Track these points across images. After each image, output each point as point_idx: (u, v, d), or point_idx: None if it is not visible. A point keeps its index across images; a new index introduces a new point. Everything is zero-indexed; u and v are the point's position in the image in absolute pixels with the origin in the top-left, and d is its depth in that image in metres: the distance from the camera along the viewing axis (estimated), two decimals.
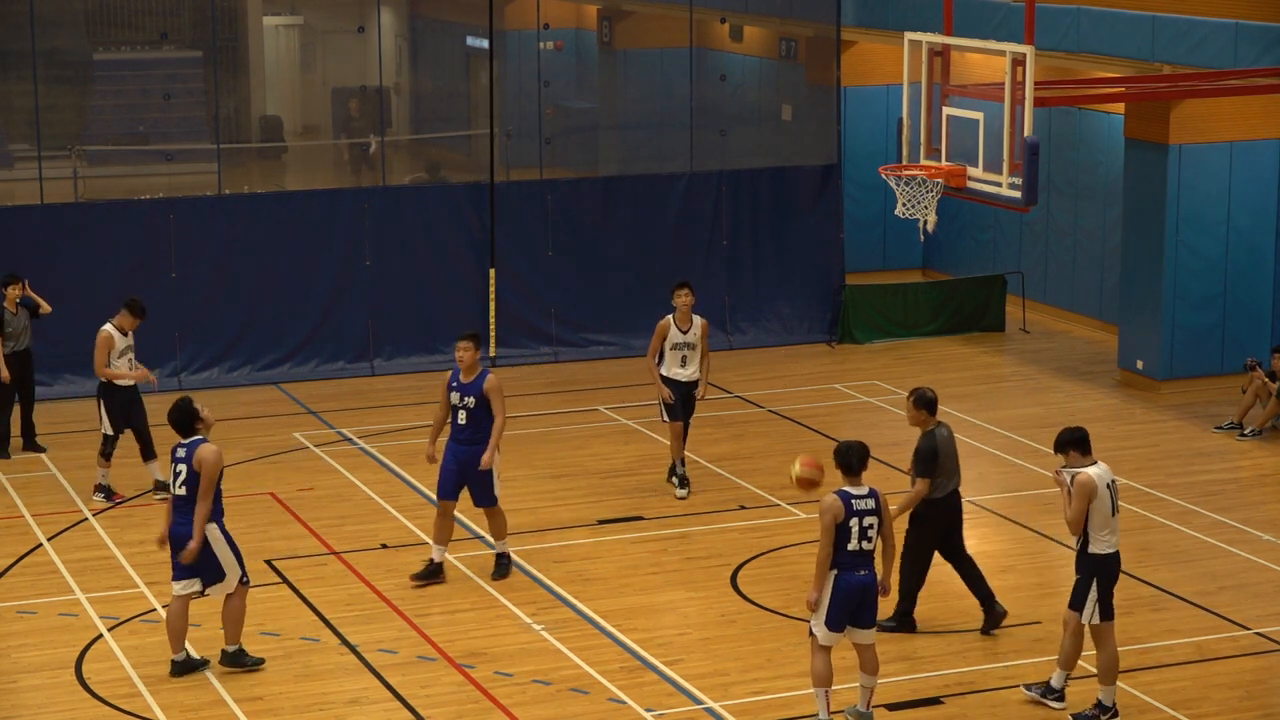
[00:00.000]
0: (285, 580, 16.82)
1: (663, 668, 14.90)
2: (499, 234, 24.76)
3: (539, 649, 15.27)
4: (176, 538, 14.50)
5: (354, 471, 20.04)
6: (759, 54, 29.73)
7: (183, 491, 14.44)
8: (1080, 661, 14.65)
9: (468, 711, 14.15)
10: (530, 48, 27.06)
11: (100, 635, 15.57)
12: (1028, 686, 14.24)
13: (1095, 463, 13.74)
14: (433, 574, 16.59)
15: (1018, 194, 18.37)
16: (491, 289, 24.74)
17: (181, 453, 14.50)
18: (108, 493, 19.13)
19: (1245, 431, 21.35)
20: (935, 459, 15.06)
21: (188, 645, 14.79)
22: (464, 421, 16.37)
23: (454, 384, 16.44)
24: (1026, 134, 18.05)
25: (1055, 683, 14.07)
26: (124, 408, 19.04)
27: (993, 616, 15.62)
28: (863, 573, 13.29)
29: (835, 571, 13.29)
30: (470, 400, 16.31)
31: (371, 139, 27.31)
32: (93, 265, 23.31)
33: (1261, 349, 22.37)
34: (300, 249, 24.14)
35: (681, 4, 26.62)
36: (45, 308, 20.82)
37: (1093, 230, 26.31)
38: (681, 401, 18.82)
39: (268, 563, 17.21)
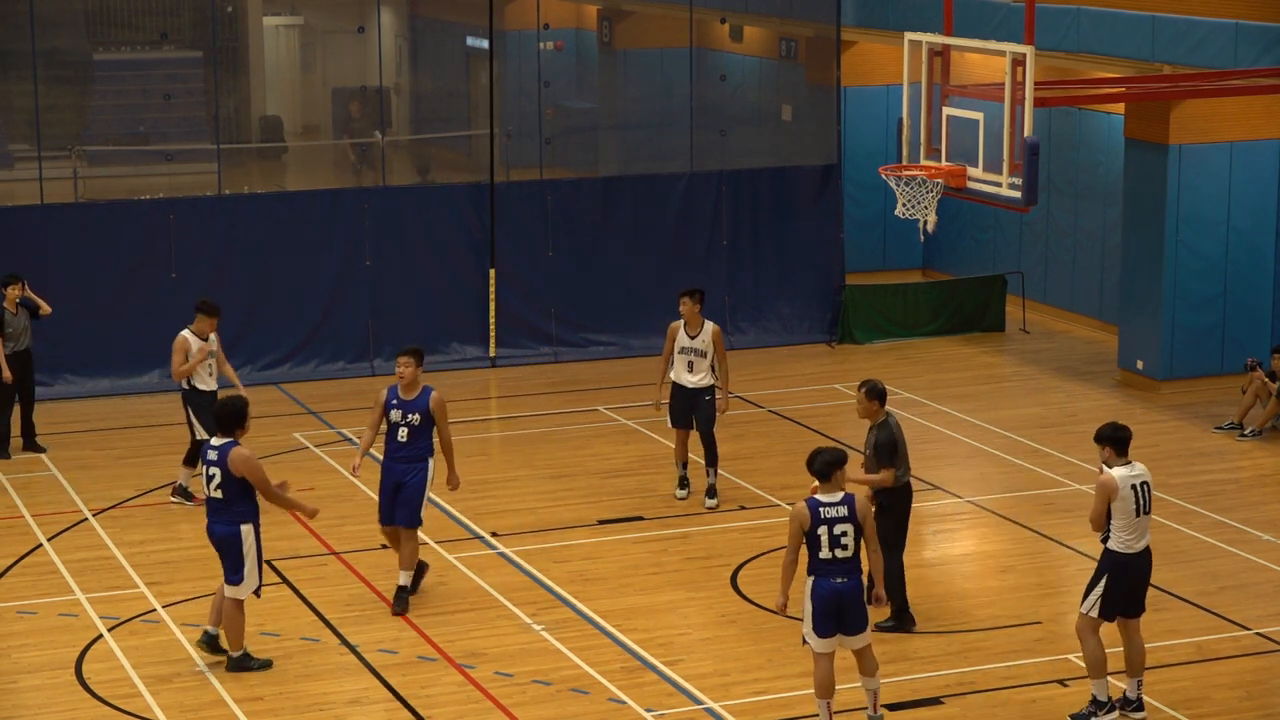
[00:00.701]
0: (285, 580, 16.81)
1: (663, 668, 14.89)
2: (499, 234, 24.76)
3: (539, 649, 15.27)
4: (213, 537, 14.66)
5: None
6: (759, 54, 29.73)
7: (219, 494, 14.48)
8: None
9: (468, 712, 14.14)
10: (530, 48, 27.05)
11: (100, 635, 15.56)
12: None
13: (1129, 463, 13.62)
14: (411, 591, 16.31)
15: (1018, 194, 18.37)
16: (491, 289, 24.73)
17: (213, 455, 14.49)
18: (186, 495, 18.86)
19: (1245, 432, 21.34)
20: (896, 449, 15.21)
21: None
22: (404, 439, 15.85)
23: (394, 401, 15.90)
24: (1026, 134, 18.05)
25: (1129, 693, 13.89)
26: (210, 410, 18.22)
27: (892, 613, 15.66)
28: (839, 580, 13.16)
29: (812, 578, 13.25)
30: (415, 417, 15.82)
31: (377, 135, 27.31)
32: (93, 265, 23.31)
33: (1261, 349, 22.36)
34: (300, 249, 24.14)
35: (681, 4, 26.61)
36: (45, 309, 20.79)
37: (1093, 230, 26.31)
38: (690, 407, 18.72)
39: (268, 563, 17.19)
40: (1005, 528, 18.37)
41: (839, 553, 13.12)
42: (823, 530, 13.09)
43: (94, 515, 18.77)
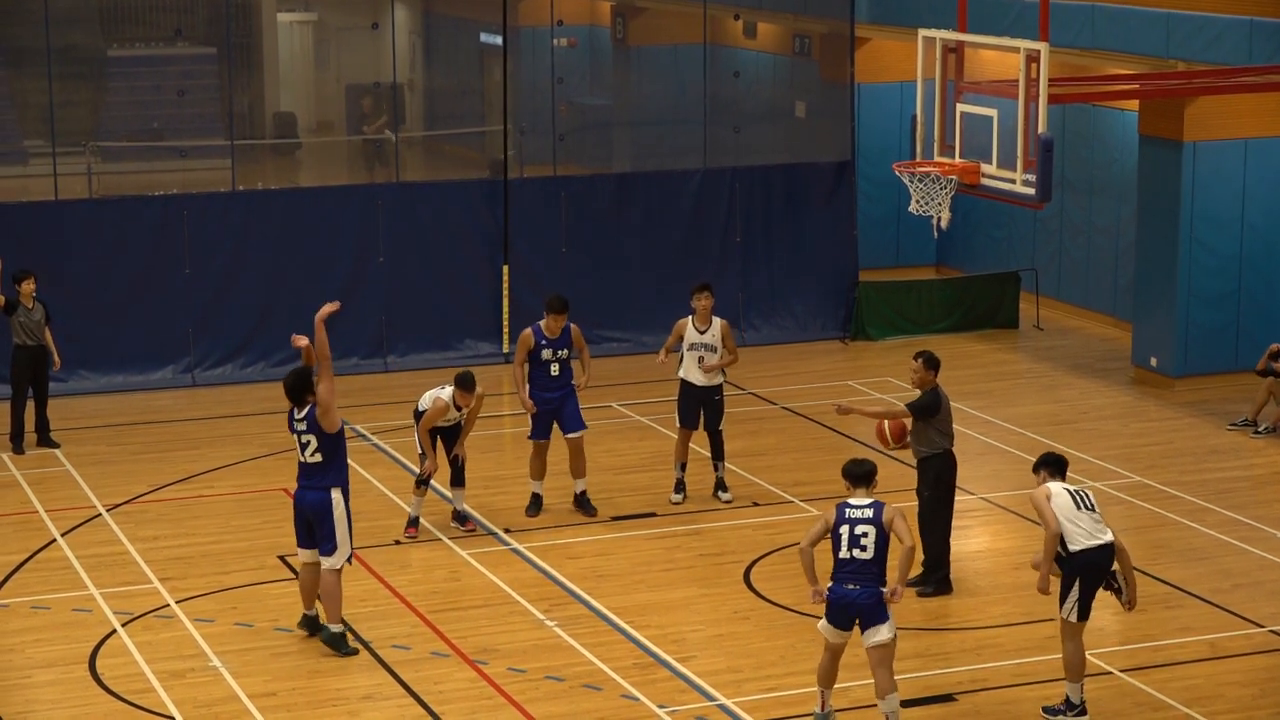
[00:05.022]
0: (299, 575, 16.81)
1: (676, 664, 14.90)
2: (513, 230, 24.76)
3: (552, 645, 15.28)
4: (300, 502, 15.01)
5: (368, 468, 20.04)
6: (773, 50, 29.72)
7: (316, 459, 14.88)
8: (1088, 657, 14.64)
9: (481, 707, 14.15)
10: (544, 44, 27.07)
11: (114, 631, 15.59)
12: (1047, 710, 14.02)
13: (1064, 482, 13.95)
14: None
15: (1032, 191, 18.33)
16: (505, 285, 24.74)
17: (303, 425, 14.88)
18: (461, 519, 18.14)
19: (1259, 429, 21.31)
20: (935, 411, 15.96)
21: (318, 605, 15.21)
22: (557, 372, 18.48)
23: (542, 341, 18.24)
24: (1041, 131, 18.01)
25: (1073, 697, 13.93)
26: (446, 443, 17.76)
27: (932, 580, 16.35)
28: (851, 586, 13.13)
29: (830, 584, 13.29)
30: (564, 352, 18.29)
31: (387, 132, 27.34)
32: (106, 261, 23.34)
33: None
34: (313, 245, 24.15)
35: (695, 1, 26.61)
36: (57, 362, 20.86)
37: (1107, 227, 26.28)
38: (699, 406, 18.67)
39: (281, 559, 17.24)
40: (1018, 525, 18.36)
41: (857, 553, 13.12)
42: (844, 529, 13.15)
43: (108, 510, 18.79)
